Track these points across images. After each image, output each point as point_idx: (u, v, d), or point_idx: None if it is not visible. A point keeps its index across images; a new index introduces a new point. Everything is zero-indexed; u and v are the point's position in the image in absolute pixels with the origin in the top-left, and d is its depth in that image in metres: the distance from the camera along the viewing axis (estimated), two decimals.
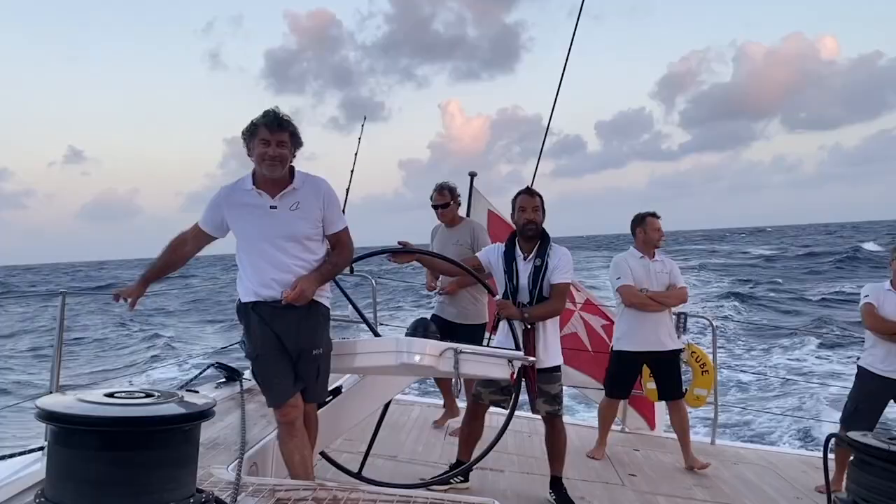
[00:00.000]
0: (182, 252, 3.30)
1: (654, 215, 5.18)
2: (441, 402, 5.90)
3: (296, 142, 3.14)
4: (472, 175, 6.41)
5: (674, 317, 5.19)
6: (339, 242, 3.25)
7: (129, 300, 3.18)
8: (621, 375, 5.17)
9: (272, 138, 3.04)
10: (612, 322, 5.98)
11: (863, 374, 4.60)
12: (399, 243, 3.79)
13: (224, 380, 4.80)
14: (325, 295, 3.27)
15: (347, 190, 5.19)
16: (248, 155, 3.13)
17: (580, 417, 7.52)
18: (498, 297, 4.03)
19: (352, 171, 5.49)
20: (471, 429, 4.16)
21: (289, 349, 3.13)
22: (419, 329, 3.79)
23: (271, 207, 3.10)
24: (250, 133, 3.09)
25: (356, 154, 5.65)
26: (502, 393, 4.00)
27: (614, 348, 5.21)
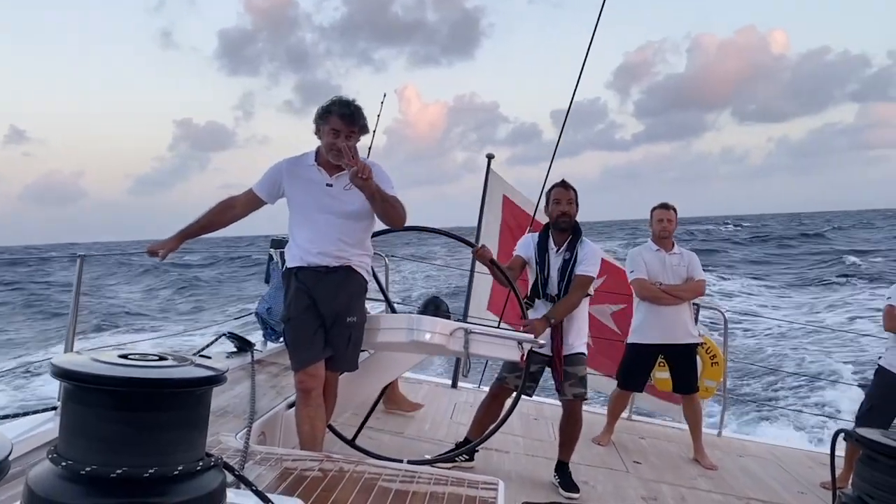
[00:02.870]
0: (229, 214, 3.39)
1: (661, 206, 5.12)
2: (447, 381, 5.93)
3: (363, 132, 3.28)
4: (490, 157, 6.35)
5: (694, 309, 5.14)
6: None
7: (162, 252, 3.25)
8: (634, 368, 5.14)
9: (344, 130, 3.17)
10: (628, 304, 5.97)
11: (881, 374, 4.58)
12: (482, 245, 3.90)
13: (235, 350, 4.85)
14: (366, 268, 3.38)
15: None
16: (316, 134, 3.27)
17: (589, 403, 7.52)
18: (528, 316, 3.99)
19: (369, 148, 5.49)
20: (487, 410, 4.20)
21: (323, 314, 3.23)
22: (430, 307, 3.81)
23: (327, 185, 3.26)
24: (322, 118, 3.21)
25: (374, 130, 5.64)
26: (529, 379, 4.02)
27: (628, 340, 5.19)
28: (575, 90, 4.89)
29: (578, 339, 4.08)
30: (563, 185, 4.18)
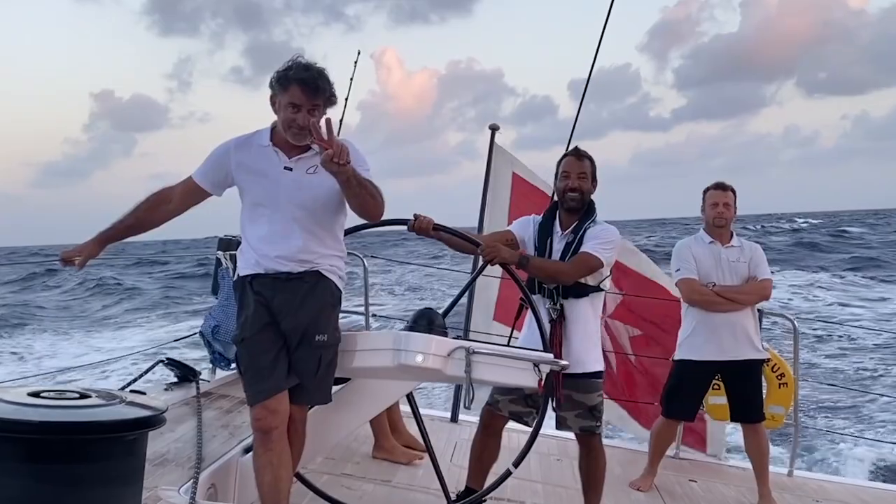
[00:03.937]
0: (162, 211, 3.38)
1: (717, 187, 5.11)
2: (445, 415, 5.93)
3: (330, 103, 3.24)
4: (493, 129, 6.37)
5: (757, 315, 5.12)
6: None
7: (79, 259, 3.25)
8: (683, 391, 5.13)
9: (305, 103, 3.14)
10: (645, 335, 6.06)
11: None
12: (414, 216, 3.80)
13: (176, 380, 4.85)
14: (339, 275, 3.36)
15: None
16: (272, 105, 3.24)
17: (621, 438, 7.54)
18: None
19: (341, 121, 5.51)
20: (484, 447, 4.16)
21: (285, 332, 3.22)
22: (422, 322, 3.80)
23: (285, 168, 3.23)
24: (281, 86, 3.17)
25: (346, 98, 5.66)
26: (526, 403, 3.98)
27: (675, 357, 5.19)
28: (596, 54, 4.85)
29: (588, 353, 3.98)
30: (576, 153, 4.15)
